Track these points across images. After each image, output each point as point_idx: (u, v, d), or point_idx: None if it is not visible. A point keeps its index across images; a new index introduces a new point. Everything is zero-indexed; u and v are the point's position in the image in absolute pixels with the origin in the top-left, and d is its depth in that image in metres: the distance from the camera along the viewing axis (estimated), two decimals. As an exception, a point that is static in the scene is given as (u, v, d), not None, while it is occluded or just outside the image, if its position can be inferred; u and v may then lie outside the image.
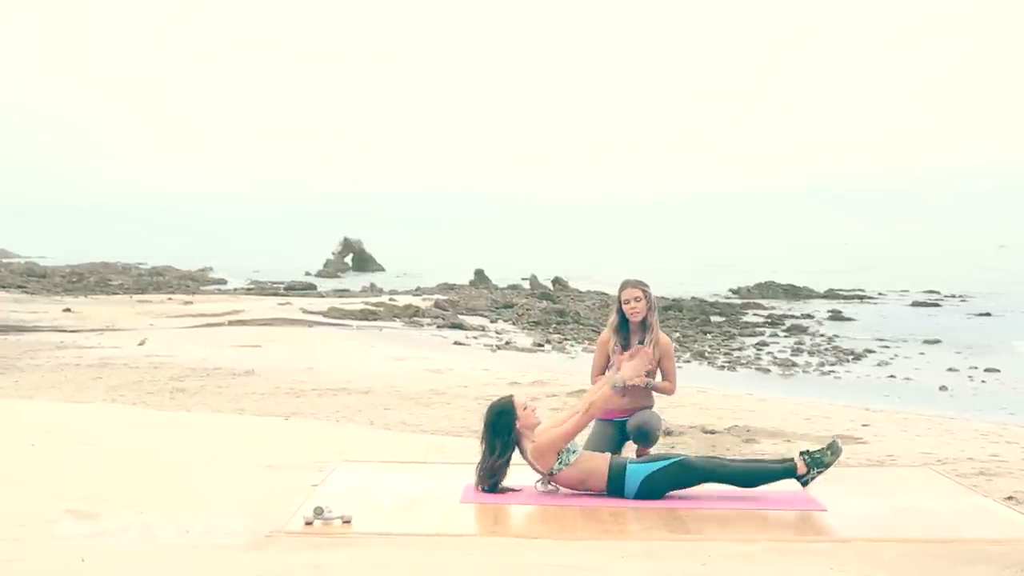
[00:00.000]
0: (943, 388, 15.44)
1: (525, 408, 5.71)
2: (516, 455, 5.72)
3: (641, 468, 5.57)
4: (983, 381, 16.28)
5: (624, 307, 6.50)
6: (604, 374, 6.64)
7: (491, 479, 5.59)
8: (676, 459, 5.62)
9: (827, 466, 5.63)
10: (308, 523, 4.83)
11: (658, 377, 6.60)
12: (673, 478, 5.52)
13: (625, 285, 6.55)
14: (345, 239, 59.97)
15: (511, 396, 5.88)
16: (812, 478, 5.61)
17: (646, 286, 6.54)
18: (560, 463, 5.59)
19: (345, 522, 4.85)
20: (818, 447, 5.82)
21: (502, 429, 5.62)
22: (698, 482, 5.57)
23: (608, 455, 5.86)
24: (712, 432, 9.66)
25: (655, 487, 5.50)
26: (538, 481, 5.70)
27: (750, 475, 5.61)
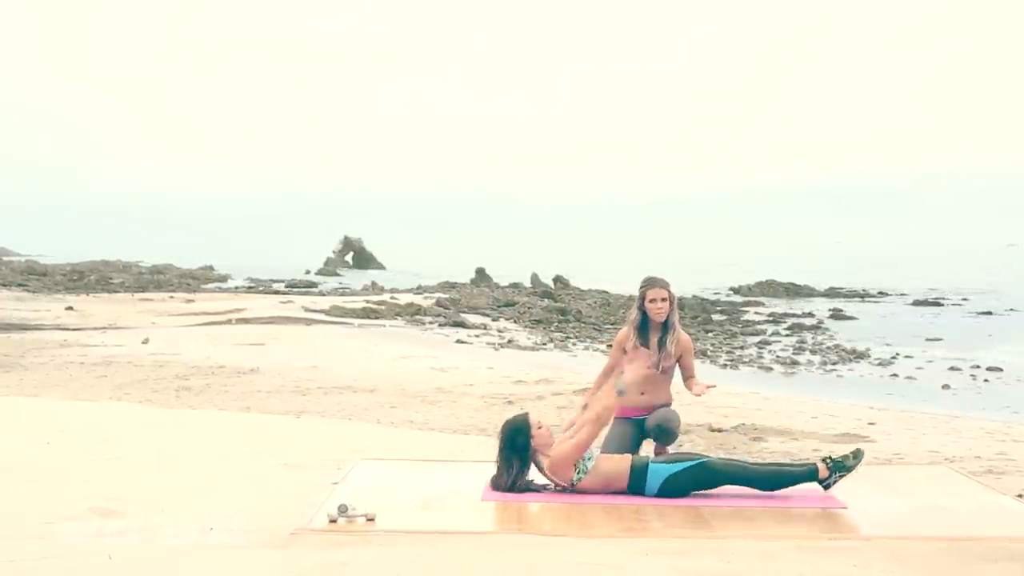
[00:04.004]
0: (946, 387, 15.47)
1: (540, 427, 5.74)
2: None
3: (663, 468, 5.60)
4: (986, 380, 16.30)
5: (648, 306, 6.48)
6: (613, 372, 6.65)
7: (509, 490, 5.62)
8: (699, 461, 5.65)
9: (849, 470, 5.63)
10: (332, 521, 4.85)
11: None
12: (694, 479, 5.55)
13: (652, 284, 6.51)
14: (345, 237, 60.03)
15: (526, 414, 5.91)
16: (834, 482, 5.61)
17: (669, 285, 6.53)
18: (579, 473, 5.62)
19: (369, 520, 4.87)
20: (841, 453, 5.83)
21: (519, 448, 5.64)
22: (719, 484, 5.61)
23: (629, 456, 5.87)
24: (719, 431, 9.67)
25: (676, 487, 5.53)
26: (558, 488, 5.72)
27: (771, 478, 5.64)
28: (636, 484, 5.58)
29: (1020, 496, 6.25)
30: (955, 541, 4.65)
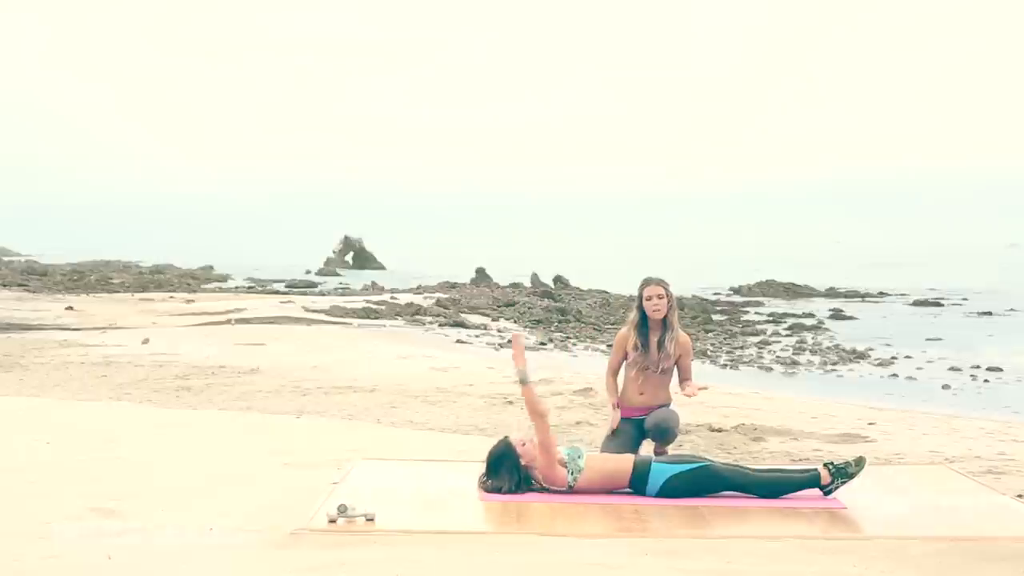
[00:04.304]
0: (946, 387, 15.47)
1: (524, 444, 5.73)
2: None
3: (666, 468, 5.60)
4: (986, 380, 16.30)
5: (646, 304, 6.50)
6: (619, 372, 6.67)
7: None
8: (701, 464, 5.66)
9: (851, 477, 5.64)
10: (332, 521, 4.86)
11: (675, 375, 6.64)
12: (696, 482, 5.56)
13: (648, 283, 6.55)
14: (346, 237, 59.99)
15: (506, 438, 5.87)
16: (835, 488, 5.62)
17: (668, 284, 6.55)
18: (572, 474, 5.62)
19: (369, 520, 4.88)
20: (843, 460, 5.83)
21: (509, 471, 5.64)
22: (720, 489, 5.62)
23: (631, 456, 5.88)
24: (719, 430, 9.67)
25: (677, 488, 5.53)
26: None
27: (773, 485, 5.66)
28: (638, 482, 5.59)
29: (1020, 496, 6.25)
30: (955, 541, 4.66)
